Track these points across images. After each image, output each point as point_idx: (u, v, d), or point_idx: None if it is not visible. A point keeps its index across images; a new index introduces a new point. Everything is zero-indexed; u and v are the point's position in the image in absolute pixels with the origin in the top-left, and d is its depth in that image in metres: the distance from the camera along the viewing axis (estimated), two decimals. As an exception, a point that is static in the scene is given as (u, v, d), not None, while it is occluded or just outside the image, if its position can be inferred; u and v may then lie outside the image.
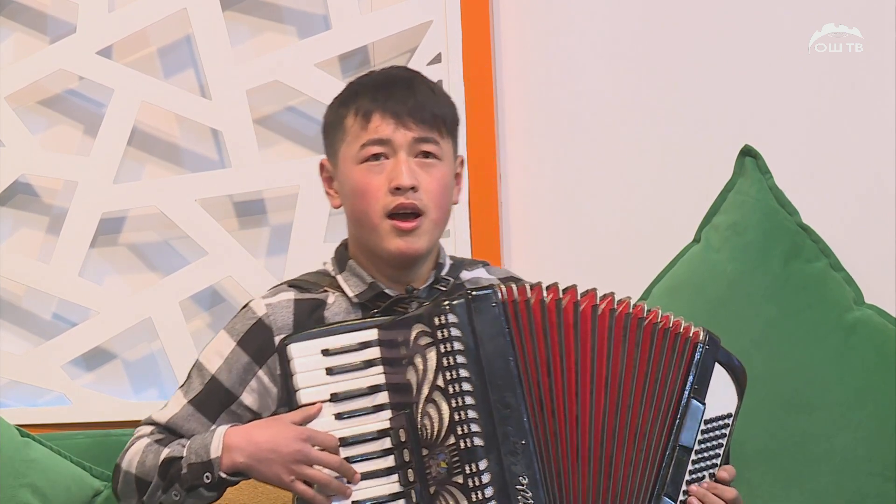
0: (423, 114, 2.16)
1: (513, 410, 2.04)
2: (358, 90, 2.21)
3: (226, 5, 3.08)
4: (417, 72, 2.26)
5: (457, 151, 2.25)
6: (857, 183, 2.94)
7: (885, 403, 2.67)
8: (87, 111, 3.15)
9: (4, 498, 2.73)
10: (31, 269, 3.11)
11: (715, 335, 2.17)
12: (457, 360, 2.03)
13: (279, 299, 2.23)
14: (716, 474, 2.13)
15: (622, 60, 3.02)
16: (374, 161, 2.17)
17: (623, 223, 3.01)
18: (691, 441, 2.11)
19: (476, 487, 2.01)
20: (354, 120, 2.18)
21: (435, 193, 2.17)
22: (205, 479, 2.10)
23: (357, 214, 2.20)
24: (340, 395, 2.07)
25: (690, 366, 2.12)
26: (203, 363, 2.24)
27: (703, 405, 2.12)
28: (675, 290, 2.77)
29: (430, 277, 2.23)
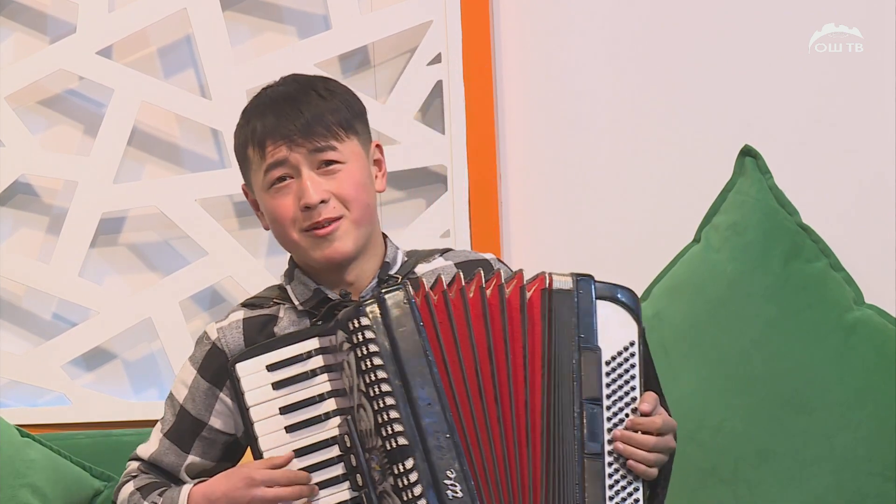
0: (314, 127, 2.16)
1: (434, 405, 2.04)
2: (250, 117, 2.22)
3: (226, 5, 3.08)
4: (305, 79, 2.25)
5: (369, 141, 2.24)
6: (857, 183, 2.94)
7: (885, 403, 2.67)
8: (87, 111, 3.15)
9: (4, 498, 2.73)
10: (31, 269, 3.11)
11: (585, 275, 2.11)
12: (373, 363, 2.04)
13: (229, 321, 2.25)
14: (638, 408, 2.08)
15: (622, 60, 3.02)
16: (280, 183, 2.18)
17: (623, 223, 3.01)
18: (597, 390, 2.06)
19: (405, 487, 2.02)
20: (253, 150, 2.20)
21: (348, 196, 2.17)
22: None
23: (279, 237, 2.22)
24: (288, 408, 2.09)
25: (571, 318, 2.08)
26: (173, 394, 2.27)
27: (596, 350, 2.08)
28: (675, 290, 2.77)
29: (374, 277, 2.23)
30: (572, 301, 2.09)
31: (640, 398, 2.09)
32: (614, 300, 2.12)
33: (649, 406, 2.08)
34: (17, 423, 2.92)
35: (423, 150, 3.03)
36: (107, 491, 2.87)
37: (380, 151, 2.27)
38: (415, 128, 3.04)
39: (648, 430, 2.07)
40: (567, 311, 2.09)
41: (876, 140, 2.94)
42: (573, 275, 2.11)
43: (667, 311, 2.75)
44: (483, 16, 3.00)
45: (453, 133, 3.01)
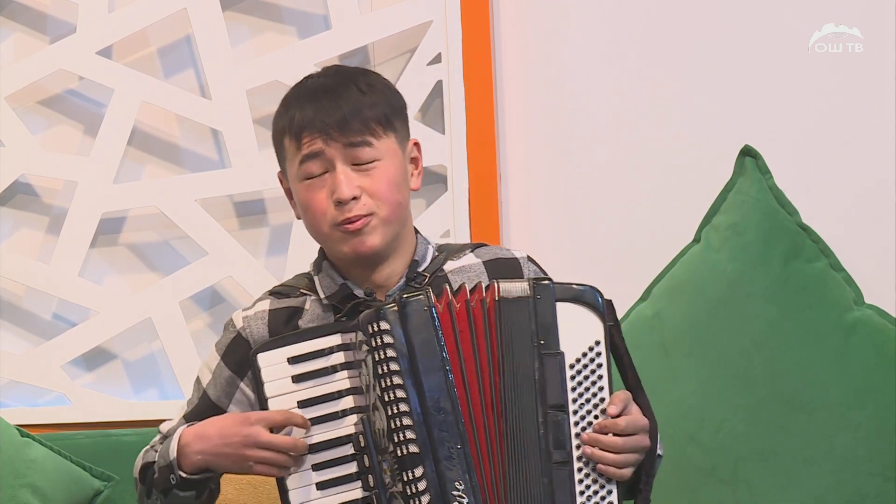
0: (351, 122, 2.15)
1: (447, 415, 2.03)
2: (289, 106, 2.22)
3: (226, 5, 3.08)
4: (347, 71, 2.25)
5: (407, 138, 2.24)
6: (857, 183, 2.94)
7: (885, 403, 2.67)
8: (87, 111, 3.15)
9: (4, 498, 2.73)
10: (31, 269, 3.11)
11: (542, 279, 2.09)
12: (390, 368, 2.03)
13: (255, 311, 2.25)
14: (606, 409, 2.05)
15: (622, 60, 3.02)
16: (314, 177, 2.17)
17: (623, 223, 3.01)
18: (560, 396, 2.04)
19: (413, 495, 2.01)
20: (290, 140, 2.19)
21: (380, 194, 2.16)
22: (171, 480, 2.13)
23: (311, 228, 2.22)
24: (307, 402, 2.08)
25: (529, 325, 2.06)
26: (200, 377, 2.28)
27: (558, 354, 2.05)
28: (675, 291, 2.77)
29: (402, 275, 2.23)
30: (529, 307, 2.06)
31: (608, 398, 2.07)
32: (576, 300, 2.08)
33: (616, 408, 2.05)
34: (18, 423, 2.92)
35: (423, 150, 3.00)
36: (107, 491, 2.87)
37: (417, 149, 2.26)
38: (415, 128, 3.02)
39: (617, 431, 2.05)
40: (524, 318, 2.06)
41: (876, 140, 2.94)
42: (529, 280, 2.08)
43: (667, 312, 2.75)
44: (483, 16, 3.00)
45: (453, 133, 3.01)
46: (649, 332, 2.74)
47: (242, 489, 2.68)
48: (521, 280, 2.09)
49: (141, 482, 2.19)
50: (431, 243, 2.28)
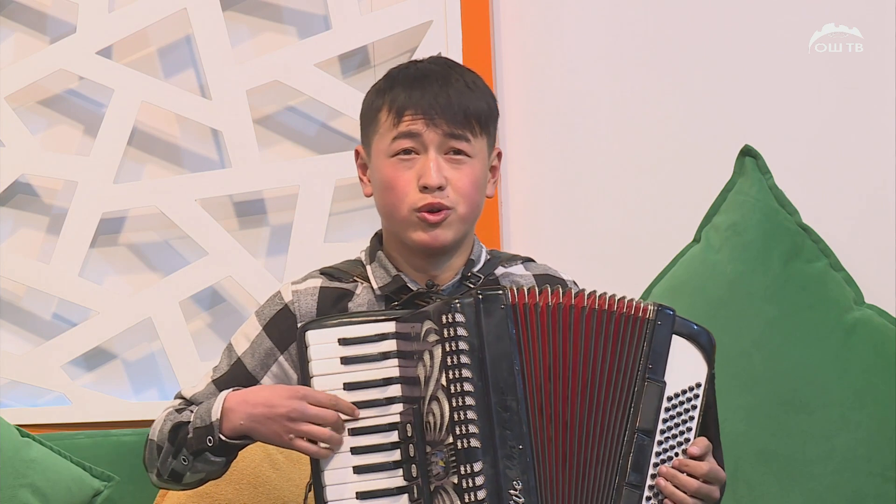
0: (455, 112, 2.15)
1: (512, 414, 2.03)
2: (394, 83, 2.20)
3: (226, 5, 3.08)
4: (456, 65, 2.25)
5: (493, 145, 2.24)
6: (858, 183, 2.94)
7: (885, 404, 2.67)
8: (88, 111, 3.15)
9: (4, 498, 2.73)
10: (32, 269, 3.10)
11: (668, 308, 2.09)
12: (460, 360, 2.03)
13: (306, 286, 2.23)
14: (688, 450, 2.06)
15: (622, 60, 3.02)
16: (404, 155, 2.16)
17: (623, 223, 3.01)
18: (651, 423, 2.05)
19: (469, 489, 2.00)
20: (388, 114, 2.18)
21: (464, 190, 2.16)
22: (207, 442, 2.12)
23: (386, 207, 2.20)
24: (353, 385, 2.07)
25: (641, 346, 2.07)
26: (233, 344, 2.26)
27: (661, 383, 2.06)
28: (675, 290, 2.77)
29: (458, 273, 2.23)
30: (647, 329, 2.07)
31: (693, 440, 2.07)
32: (691, 339, 2.09)
33: (699, 450, 2.06)
34: (18, 423, 2.92)
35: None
36: (107, 491, 2.87)
37: (498, 159, 2.26)
38: (415, 128, 3.03)
39: (694, 473, 2.05)
40: (639, 337, 2.07)
41: (876, 140, 2.94)
42: (655, 304, 2.09)
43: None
44: (483, 16, 3.00)
45: (453, 133, 3.01)
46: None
47: (242, 489, 2.68)
48: (648, 302, 2.09)
49: (170, 441, 2.16)
50: (484, 247, 2.29)
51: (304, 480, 2.69)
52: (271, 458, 2.71)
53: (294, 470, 2.71)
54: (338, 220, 3.07)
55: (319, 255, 2.98)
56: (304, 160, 3.06)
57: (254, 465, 2.70)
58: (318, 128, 3.11)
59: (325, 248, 3.02)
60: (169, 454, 2.16)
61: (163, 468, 2.18)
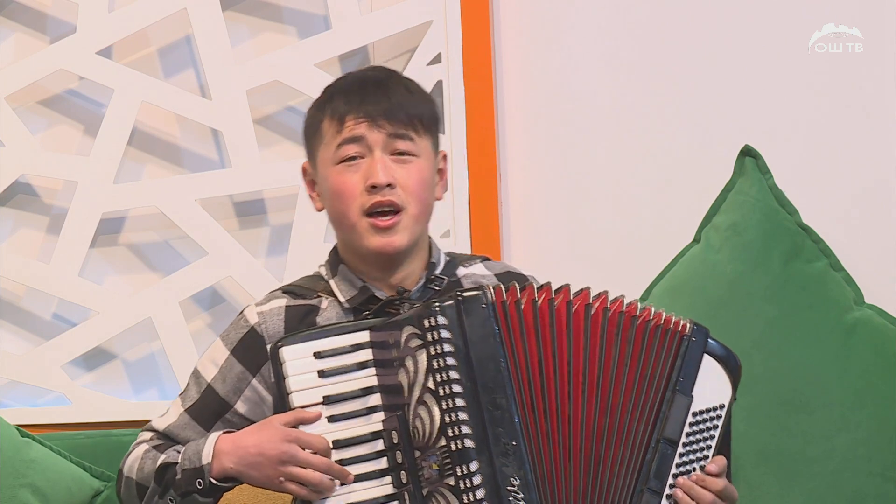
0: (397, 113, 2.17)
1: (503, 412, 2.03)
2: (333, 93, 2.23)
3: (226, 5, 3.08)
4: (393, 71, 2.27)
5: (437, 148, 2.25)
6: (857, 183, 2.94)
7: (885, 404, 2.67)
8: (88, 111, 3.15)
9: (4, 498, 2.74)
10: (32, 269, 3.11)
11: (703, 327, 2.14)
12: (447, 363, 2.03)
13: (271, 307, 2.24)
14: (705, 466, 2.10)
15: (622, 60, 3.02)
16: (350, 161, 2.18)
17: (623, 223, 3.01)
18: (677, 434, 2.08)
19: (468, 489, 2.01)
20: (330, 123, 2.20)
21: (413, 189, 2.18)
22: (197, 485, 2.11)
23: (337, 216, 2.21)
24: (333, 398, 2.07)
25: (676, 359, 2.10)
26: (200, 371, 2.26)
27: (689, 398, 2.10)
28: (675, 291, 2.77)
29: (422, 277, 2.23)
30: (683, 344, 2.11)
31: (711, 458, 2.11)
32: (721, 361, 2.14)
33: (717, 468, 2.10)
34: (18, 423, 2.92)
35: (423, 150, 3.03)
36: (107, 491, 2.87)
37: (445, 162, 2.28)
38: (415, 128, 3.03)
39: (710, 488, 2.09)
40: (672, 351, 2.10)
41: (876, 140, 2.94)
42: (692, 322, 2.13)
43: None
44: (483, 16, 3.00)
45: (453, 133, 3.01)
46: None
47: (243, 490, 2.67)
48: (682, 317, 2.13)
49: (156, 482, 2.16)
50: (441, 250, 2.29)
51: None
52: (271, 458, 2.70)
53: (294, 470, 2.71)
54: (338, 220, 3.06)
55: (319, 255, 2.95)
56: (304, 160, 3.05)
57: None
58: (318, 128, 3.10)
59: (324, 248, 2.99)
60: (155, 494, 2.16)
61: None
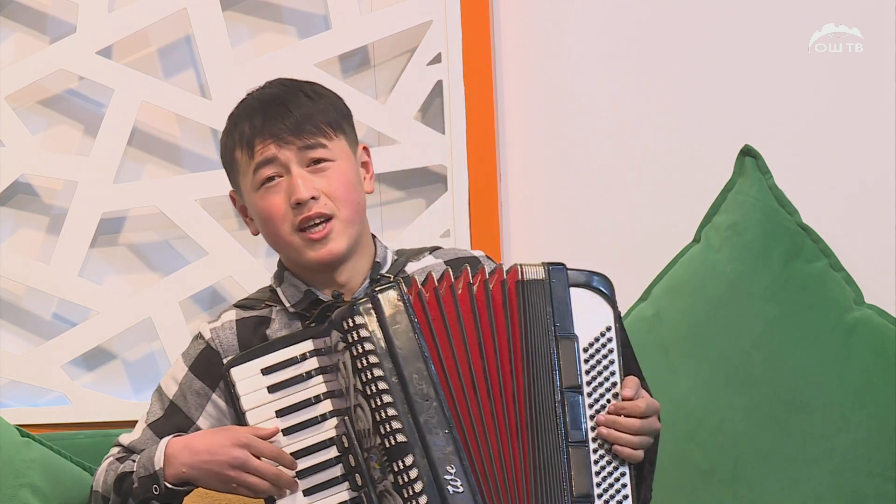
0: (303, 125, 2.18)
1: (431, 401, 2.03)
2: (237, 120, 2.24)
3: (226, 5, 3.08)
4: (291, 82, 2.26)
5: (356, 143, 2.26)
6: (857, 183, 2.94)
7: (885, 404, 2.67)
8: (87, 111, 3.15)
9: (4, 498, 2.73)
10: (31, 269, 3.11)
11: (558, 264, 2.12)
12: (369, 361, 2.05)
13: (222, 322, 2.26)
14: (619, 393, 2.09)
15: (622, 60, 3.02)
16: (269, 183, 2.19)
17: (623, 223, 3.01)
18: (575, 378, 2.07)
19: (406, 483, 2.02)
20: (241, 151, 2.21)
21: (338, 193, 2.18)
22: (153, 491, 2.14)
23: (271, 237, 2.22)
24: (285, 411, 2.09)
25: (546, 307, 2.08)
26: (162, 388, 2.29)
27: (572, 338, 2.08)
28: (674, 291, 2.77)
29: (366, 277, 2.24)
30: (546, 290, 2.09)
31: (620, 383, 2.10)
32: (588, 286, 2.13)
33: (631, 391, 2.09)
34: (17, 423, 2.92)
35: (423, 150, 3.03)
36: (107, 491, 2.87)
37: (367, 153, 2.28)
38: (415, 128, 3.04)
39: (632, 413, 2.07)
40: (542, 301, 2.09)
41: (876, 140, 2.94)
42: (545, 264, 2.11)
43: (667, 311, 2.75)
44: (483, 16, 3.00)
45: (453, 133, 3.01)
46: (649, 331, 2.74)
47: (242, 489, 2.68)
48: (537, 263, 2.11)
49: (115, 493, 2.19)
50: (389, 248, 2.30)
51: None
52: (271, 458, 2.71)
53: (294, 470, 2.71)
54: (338, 219, 3.07)
55: (319, 255, 2.97)
56: (303, 160, 3.06)
57: (254, 465, 2.70)
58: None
59: (325, 248, 3.02)
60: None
61: None
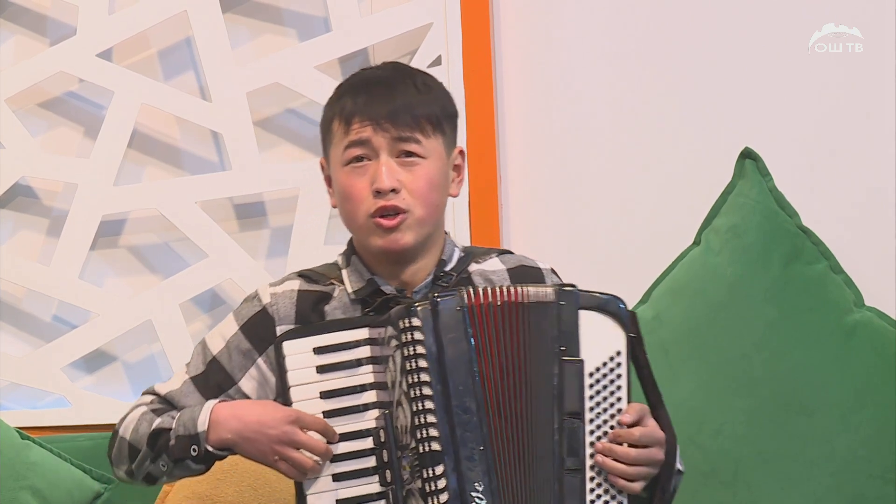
0: (403, 116, 2.16)
1: (472, 416, 2.03)
2: (343, 92, 2.23)
3: (226, 7, 3.08)
4: (404, 68, 2.26)
5: (453, 144, 2.24)
6: (858, 185, 2.94)
7: (885, 406, 2.67)
8: (88, 113, 3.16)
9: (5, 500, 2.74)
10: (32, 272, 3.11)
11: (569, 285, 2.08)
12: (418, 364, 2.04)
13: (284, 289, 2.24)
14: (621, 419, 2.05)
15: (622, 62, 3.02)
16: (356, 163, 2.18)
17: (623, 225, 3.01)
18: (577, 404, 2.04)
19: (432, 492, 2.01)
20: (339, 123, 2.20)
21: (419, 192, 2.17)
22: (191, 451, 2.12)
23: (346, 216, 2.22)
24: (329, 393, 2.09)
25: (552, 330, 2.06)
26: (207, 343, 2.25)
27: (578, 363, 2.05)
28: (675, 293, 2.77)
29: (430, 273, 2.23)
30: (552, 312, 2.07)
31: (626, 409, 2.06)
32: (600, 309, 2.07)
33: (630, 417, 2.06)
34: (18, 425, 2.93)
35: (423, 151, 3.03)
36: (107, 493, 2.87)
37: (462, 157, 2.26)
38: (414, 129, 3.03)
39: (631, 441, 2.05)
40: (546, 323, 2.06)
41: (876, 141, 2.94)
42: (554, 286, 2.09)
43: (667, 314, 2.75)
44: (483, 18, 3.00)
45: (453, 134, 3.01)
46: (649, 334, 2.71)
47: (243, 491, 2.69)
48: (546, 285, 2.10)
49: (149, 446, 2.16)
50: (458, 245, 2.29)
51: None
52: (272, 461, 2.71)
53: (294, 473, 2.71)
54: (338, 221, 3.03)
55: (319, 256, 2.95)
56: (303, 162, 3.07)
57: (255, 467, 2.70)
58: (318, 130, 3.10)
59: (325, 249, 3.02)
60: (147, 458, 2.16)
61: (138, 470, 2.18)
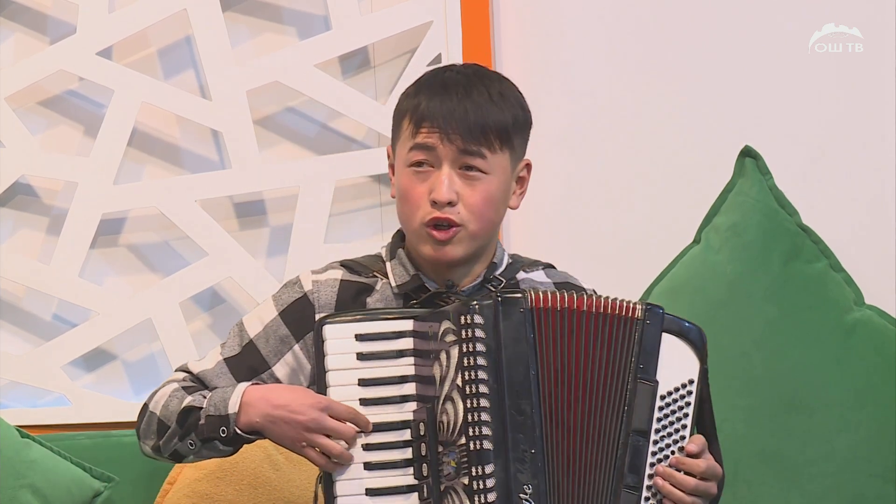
0: (471, 127, 2.14)
1: (526, 418, 2.03)
2: (419, 89, 2.19)
3: (226, 6, 3.08)
4: (484, 74, 2.22)
5: (521, 157, 2.23)
6: (858, 184, 2.94)
7: (885, 404, 2.67)
8: (88, 112, 3.15)
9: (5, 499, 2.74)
10: (32, 270, 3.11)
11: (657, 306, 2.09)
12: (476, 361, 2.03)
13: (326, 277, 2.23)
14: (684, 447, 2.07)
15: (622, 61, 3.02)
16: (419, 168, 2.16)
17: (623, 224, 3.01)
18: (646, 423, 2.05)
19: (480, 490, 2.01)
20: (409, 122, 2.18)
21: (475, 207, 2.15)
22: (220, 432, 2.11)
23: (402, 215, 2.20)
24: (368, 381, 2.08)
25: (633, 347, 2.06)
26: (245, 325, 2.25)
27: (653, 383, 2.06)
28: (675, 291, 2.77)
29: (479, 276, 2.22)
30: (638, 329, 2.07)
31: (689, 438, 2.08)
32: (681, 335, 2.09)
33: (696, 447, 2.07)
34: (18, 423, 2.92)
35: (423, 150, 3.03)
36: (107, 492, 2.87)
37: (528, 170, 2.25)
38: (415, 128, 3.03)
39: (691, 471, 2.06)
40: (627, 339, 2.07)
41: (876, 141, 2.94)
42: (643, 303, 2.09)
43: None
44: (483, 16, 3.00)
45: (453, 134, 3.01)
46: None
47: (242, 490, 2.69)
48: (631, 300, 2.09)
49: (178, 424, 2.15)
50: (506, 251, 2.28)
51: (304, 482, 2.69)
52: (271, 459, 2.71)
53: (294, 471, 2.71)
54: (338, 220, 3.07)
55: (319, 256, 2.97)
56: (304, 161, 3.06)
57: (254, 465, 2.70)
58: (318, 128, 3.11)
59: (325, 248, 3.02)
60: (175, 435, 2.16)
61: (165, 447, 2.18)
